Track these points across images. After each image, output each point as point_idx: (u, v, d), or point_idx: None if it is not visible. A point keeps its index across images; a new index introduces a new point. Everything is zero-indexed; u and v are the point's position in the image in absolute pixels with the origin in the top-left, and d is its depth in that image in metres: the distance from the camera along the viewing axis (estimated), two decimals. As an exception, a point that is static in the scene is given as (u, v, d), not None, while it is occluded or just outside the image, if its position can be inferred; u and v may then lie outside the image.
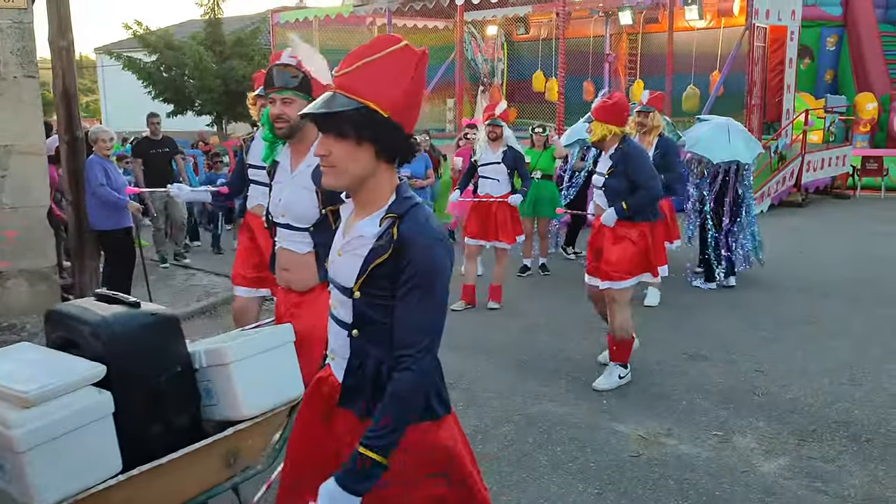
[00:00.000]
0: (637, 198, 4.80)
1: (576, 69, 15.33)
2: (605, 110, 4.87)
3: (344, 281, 1.99)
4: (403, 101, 1.90)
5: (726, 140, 7.35)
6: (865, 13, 16.79)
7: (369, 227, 1.95)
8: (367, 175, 1.92)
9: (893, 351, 5.71)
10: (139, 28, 21.44)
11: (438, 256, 1.91)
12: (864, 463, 3.95)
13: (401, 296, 1.90)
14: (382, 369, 1.97)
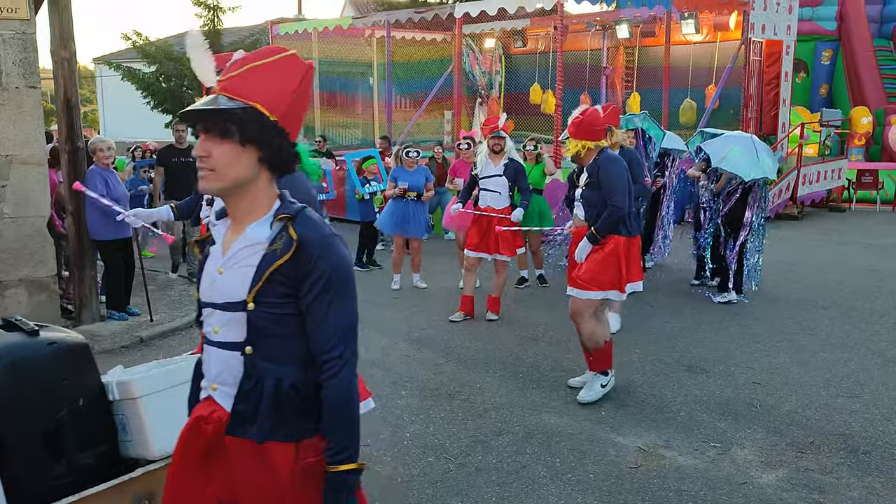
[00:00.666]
0: (603, 221, 4.77)
1: (573, 82, 15.40)
2: (578, 126, 4.84)
3: (231, 297, 1.87)
4: (290, 107, 1.86)
5: (755, 156, 7.27)
6: (860, 28, 16.94)
7: (259, 233, 1.86)
8: (248, 180, 1.85)
9: (891, 363, 5.74)
10: (139, 39, 21.53)
11: (343, 253, 1.88)
12: (861, 475, 3.96)
13: (312, 300, 1.83)
14: (283, 386, 1.86)
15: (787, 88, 14.07)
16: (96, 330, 6.43)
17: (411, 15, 14.62)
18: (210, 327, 1.94)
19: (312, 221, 1.87)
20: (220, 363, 1.93)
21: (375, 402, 4.94)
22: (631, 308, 7.35)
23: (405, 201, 8.13)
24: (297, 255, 1.81)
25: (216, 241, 1.95)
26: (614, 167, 4.85)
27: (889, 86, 16.96)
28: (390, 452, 4.22)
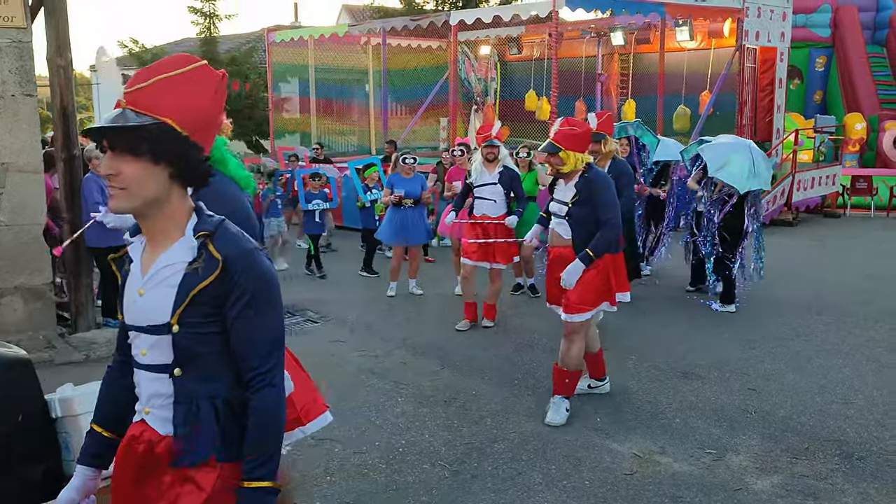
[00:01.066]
0: (599, 240, 4.59)
1: (568, 89, 15.46)
2: (576, 139, 4.62)
3: (154, 319, 1.80)
4: (203, 120, 1.78)
5: (752, 166, 7.20)
6: (854, 35, 17.03)
7: (177, 251, 1.79)
8: (161, 198, 1.77)
9: (885, 368, 5.76)
10: (135, 46, 21.54)
11: (266, 265, 1.82)
12: (856, 481, 3.98)
13: (236, 316, 1.77)
14: (217, 404, 1.81)
15: (781, 95, 14.13)
16: (92, 337, 6.42)
17: (407, 22, 14.66)
18: (137, 349, 1.86)
19: (233, 236, 1.80)
20: (151, 386, 1.85)
21: (371, 409, 4.97)
22: (626, 315, 7.37)
23: (403, 209, 8.07)
24: (221, 275, 1.75)
25: (134, 260, 1.86)
26: (607, 183, 4.72)
27: (882, 92, 17.04)
28: (386, 459, 4.22)
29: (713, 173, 7.30)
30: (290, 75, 18.05)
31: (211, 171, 1.87)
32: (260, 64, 21.19)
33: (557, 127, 4.71)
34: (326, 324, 7.19)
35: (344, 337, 6.70)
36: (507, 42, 17.30)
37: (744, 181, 7.17)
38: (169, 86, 1.74)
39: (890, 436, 4.53)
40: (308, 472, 4.08)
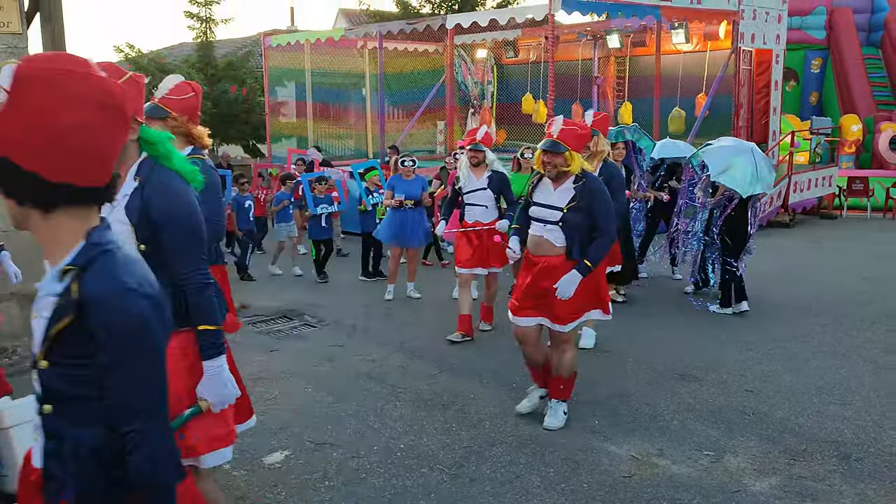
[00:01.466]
0: (595, 248, 4.45)
1: (565, 92, 15.49)
2: (580, 139, 4.49)
3: (35, 347, 1.64)
4: (28, 141, 1.51)
5: (754, 171, 7.13)
6: (849, 37, 17.08)
7: (48, 285, 1.61)
8: (25, 225, 1.61)
9: (882, 369, 5.77)
10: (131, 51, 21.54)
11: (134, 311, 1.56)
12: (854, 482, 3.98)
13: (103, 364, 1.55)
14: (81, 452, 1.61)
15: (777, 97, 14.17)
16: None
17: (403, 26, 14.68)
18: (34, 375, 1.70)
19: (105, 273, 1.56)
20: (35, 416, 1.70)
21: (369, 413, 4.96)
22: (623, 317, 7.38)
23: (403, 210, 8.08)
24: (80, 317, 1.54)
25: None
26: (603, 188, 4.56)
27: (878, 94, 17.09)
28: (384, 463, 4.22)
29: (715, 177, 7.26)
30: (287, 79, 18.05)
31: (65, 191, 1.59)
32: (256, 68, 21.18)
33: (560, 125, 4.47)
34: (324, 328, 7.18)
35: (341, 341, 6.69)
36: (504, 45, 17.33)
37: (746, 185, 7.11)
38: None
39: (887, 437, 4.54)
40: (306, 476, 4.08)
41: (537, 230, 4.62)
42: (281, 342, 6.74)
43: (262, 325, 7.35)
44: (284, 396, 5.33)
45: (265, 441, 4.53)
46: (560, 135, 4.42)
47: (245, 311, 7.82)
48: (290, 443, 4.51)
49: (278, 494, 3.88)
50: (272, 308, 7.95)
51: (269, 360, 6.18)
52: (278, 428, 4.73)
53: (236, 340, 6.77)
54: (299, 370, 5.91)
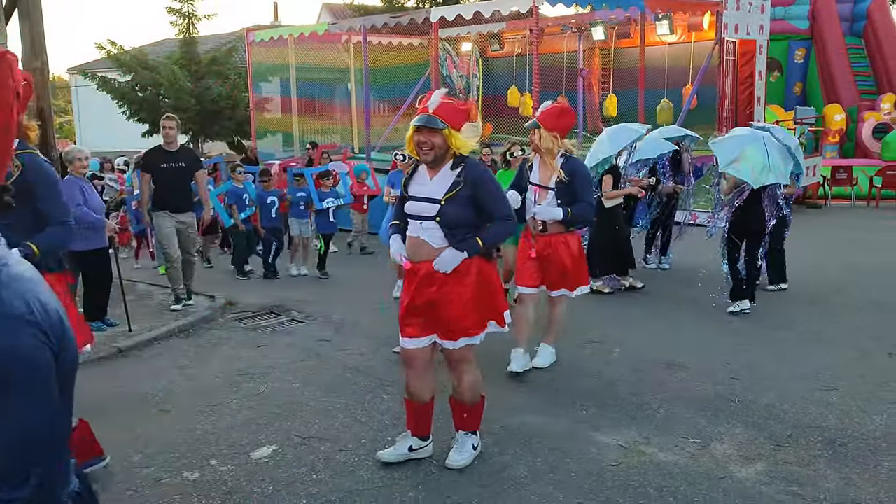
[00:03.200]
0: (493, 232, 3.87)
1: (550, 84, 15.47)
2: (458, 113, 3.76)
3: None
4: None
5: (766, 159, 6.72)
6: (832, 27, 17.16)
7: None
8: None
9: (865, 356, 5.82)
10: (113, 48, 21.37)
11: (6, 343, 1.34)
12: (838, 467, 4.01)
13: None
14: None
15: (761, 87, 14.24)
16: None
17: (387, 20, 14.63)
18: None
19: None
20: None
21: (357, 407, 4.96)
22: (610, 307, 7.41)
23: None
24: None
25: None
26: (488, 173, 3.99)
27: (861, 83, 17.20)
28: (372, 457, 4.21)
29: (723, 168, 6.97)
30: (271, 75, 17.98)
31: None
32: (240, 64, 21.08)
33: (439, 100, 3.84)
34: (312, 323, 7.17)
35: (329, 336, 6.68)
36: (489, 38, 17.31)
37: (756, 175, 6.73)
38: None
39: (871, 422, 4.58)
40: (294, 470, 4.07)
41: (414, 230, 3.90)
42: (268, 338, 6.72)
43: (249, 320, 7.33)
44: (272, 391, 5.32)
45: (253, 435, 4.52)
46: (438, 109, 3.73)
47: (232, 307, 7.80)
48: (278, 437, 4.50)
49: (266, 488, 3.87)
50: (259, 304, 7.92)
51: (256, 356, 6.16)
52: (266, 422, 4.72)
53: (223, 336, 6.77)
54: (287, 365, 5.89)
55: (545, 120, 5.25)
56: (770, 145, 6.89)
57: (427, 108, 3.78)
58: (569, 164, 5.25)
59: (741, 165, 6.81)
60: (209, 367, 5.91)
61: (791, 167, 7.09)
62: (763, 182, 6.79)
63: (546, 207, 5.26)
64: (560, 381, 5.37)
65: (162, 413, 4.94)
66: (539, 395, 5.12)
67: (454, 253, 3.77)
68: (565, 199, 5.23)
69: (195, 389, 5.38)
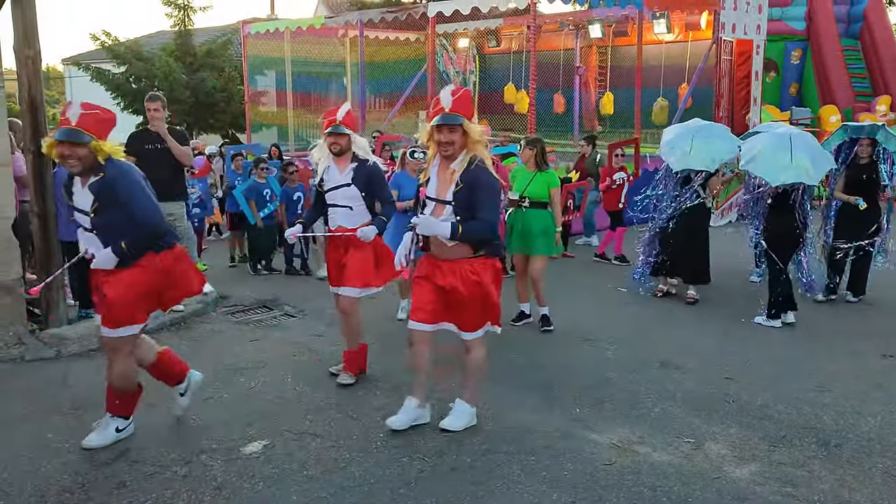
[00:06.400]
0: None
1: (547, 81, 15.45)
2: (100, 123, 3.98)
3: None
4: None
5: (788, 157, 6.37)
6: (828, 28, 17.17)
7: None
8: None
9: (861, 356, 5.81)
10: (108, 39, 21.23)
11: None
12: (833, 468, 4.00)
13: None
14: None
15: (757, 87, 14.22)
16: (63, 333, 6.30)
17: (384, 14, 14.57)
18: None
19: None
20: None
21: (348, 402, 4.91)
22: (605, 306, 7.39)
23: (408, 214, 6.45)
24: None
25: None
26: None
27: (857, 85, 17.22)
28: (364, 453, 4.18)
29: (743, 166, 6.66)
30: (267, 68, 17.89)
31: None
32: (236, 57, 20.98)
33: (78, 110, 3.93)
34: (304, 318, 7.12)
35: (322, 331, 6.63)
36: (486, 35, 17.25)
37: (775, 172, 6.38)
38: None
39: (866, 423, 4.56)
40: (285, 466, 4.03)
41: None
42: (261, 332, 6.67)
43: (241, 315, 7.27)
44: (263, 386, 5.27)
45: (243, 431, 4.47)
46: (79, 121, 3.86)
47: (224, 301, 7.74)
48: (269, 433, 4.46)
49: (256, 485, 3.83)
50: (252, 298, 7.86)
51: (248, 350, 6.12)
52: (257, 417, 4.68)
53: (215, 330, 6.71)
54: (279, 360, 5.85)
55: (465, 108, 4.14)
56: (797, 141, 6.51)
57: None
58: (471, 172, 4.13)
59: (757, 163, 6.52)
60: (200, 361, 5.85)
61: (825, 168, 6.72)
62: (784, 180, 6.40)
63: (428, 219, 4.18)
64: (554, 380, 5.34)
65: (151, 407, 4.89)
66: (533, 394, 5.09)
67: (106, 255, 4.05)
68: (464, 214, 4.15)
69: (186, 383, 5.32)
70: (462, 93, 4.13)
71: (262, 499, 3.70)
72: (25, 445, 4.27)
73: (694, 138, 7.27)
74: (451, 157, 4.13)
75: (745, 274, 8.37)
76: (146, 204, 4.10)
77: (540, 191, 6.44)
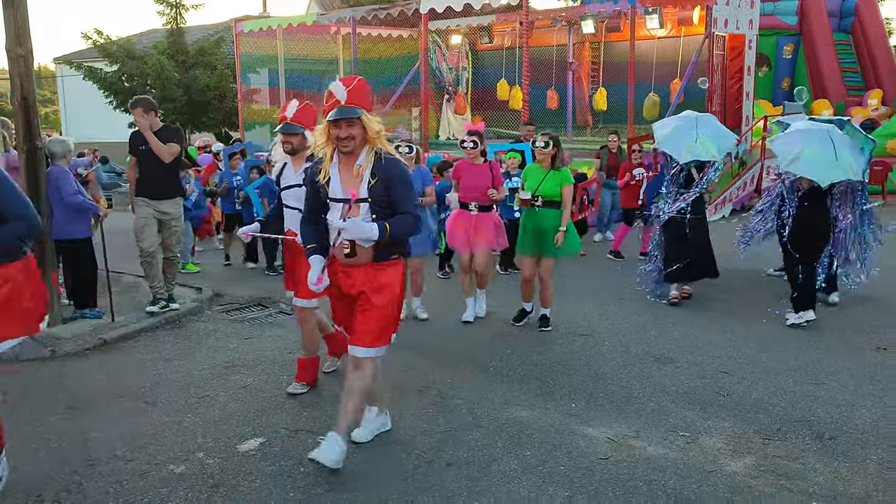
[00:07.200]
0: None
1: (540, 77, 15.45)
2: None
3: None
4: None
5: (832, 154, 6.15)
6: (820, 22, 17.23)
7: None
8: None
9: (855, 350, 5.84)
10: (99, 38, 21.16)
11: None
12: (827, 461, 4.01)
13: None
14: None
15: (749, 82, 14.25)
16: (58, 332, 6.29)
17: (377, 11, 14.55)
18: None
19: None
20: None
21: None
22: (598, 300, 7.40)
23: None
24: None
25: None
26: None
27: (849, 79, 17.29)
28: (360, 449, 4.18)
29: (785, 168, 6.39)
30: (260, 66, 17.85)
31: None
32: (228, 55, 20.94)
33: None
34: (299, 315, 7.11)
35: (317, 328, 6.62)
36: (479, 31, 17.24)
37: (824, 171, 6.16)
38: None
39: (860, 416, 4.59)
40: (281, 463, 4.03)
41: None
42: (256, 330, 6.66)
43: (236, 312, 7.27)
44: (259, 384, 5.27)
45: (239, 428, 4.47)
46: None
47: (219, 299, 7.73)
48: (265, 430, 4.46)
49: (253, 482, 3.83)
50: (247, 296, 7.86)
51: (243, 348, 6.11)
52: (253, 415, 4.68)
53: (210, 329, 6.71)
54: (274, 357, 5.85)
55: (361, 99, 3.77)
56: (837, 138, 6.32)
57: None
58: (384, 165, 3.78)
59: (803, 162, 6.23)
60: (196, 359, 5.86)
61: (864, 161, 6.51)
62: (833, 179, 6.19)
63: (356, 221, 3.73)
64: (549, 375, 5.35)
65: (148, 405, 4.89)
66: (528, 389, 5.10)
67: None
68: (384, 212, 3.80)
69: (181, 382, 5.33)
70: (356, 83, 3.77)
71: (260, 496, 3.70)
72: (21, 445, 4.26)
73: (698, 129, 7.20)
74: (352, 153, 3.77)
75: (740, 268, 8.39)
76: None
77: (554, 189, 6.24)
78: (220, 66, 21.03)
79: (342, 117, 3.70)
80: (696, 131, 7.17)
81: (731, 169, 12.97)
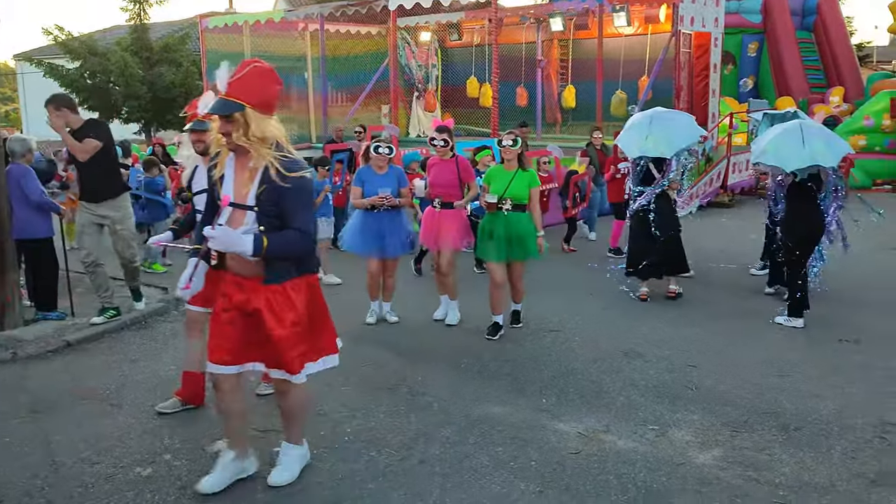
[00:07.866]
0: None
1: (509, 75, 15.47)
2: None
3: None
4: None
5: (800, 142, 6.13)
6: (784, 21, 17.50)
7: None
8: None
9: (816, 342, 5.94)
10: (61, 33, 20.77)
11: None
12: (793, 451, 4.08)
13: None
14: None
15: (715, 79, 14.41)
16: (20, 335, 6.15)
17: (345, 7, 14.45)
18: None
19: None
20: None
21: (315, 397, 4.86)
22: (569, 297, 7.44)
23: (378, 212, 6.28)
24: None
25: None
26: None
27: (812, 76, 17.58)
28: (331, 448, 4.16)
29: (755, 160, 6.49)
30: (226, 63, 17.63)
31: None
32: (194, 51, 20.67)
33: None
34: (268, 314, 7.03)
35: (286, 327, 6.56)
36: (448, 28, 17.22)
37: (788, 159, 6.15)
38: None
39: (824, 407, 4.66)
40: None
41: None
42: (224, 329, 6.58)
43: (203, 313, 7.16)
44: (228, 384, 5.20)
45: (208, 429, 4.41)
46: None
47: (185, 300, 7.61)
48: (234, 430, 4.40)
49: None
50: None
51: (211, 348, 6.03)
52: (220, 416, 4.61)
53: (176, 329, 6.61)
54: (243, 357, 5.77)
55: (249, 89, 3.30)
56: (808, 130, 6.26)
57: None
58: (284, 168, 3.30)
59: (770, 154, 6.26)
60: (162, 360, 5.77)
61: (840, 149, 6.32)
62: (796, 166, 6.13)
63: (226, 231, 3.28)
64: (520, 371, 5.37)
65: (113, 407, 4.80)
66: (499, 385, 5.11)
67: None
68: (272, 223, 3.34)
69: (147, 383, 5.24)
70: (247, 70, 3.28)
71: (228, 497, 3.65)
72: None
73: (651, 124, 7.26)
74: (246, 152, 3.29)
75: (711, 264, 8.49)
76: None
77: (523, 191, 5.98)
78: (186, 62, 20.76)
79: (214, 112, 3.25)
80: (649, 128, 7.25)
81: (699, 165, 13.11)
